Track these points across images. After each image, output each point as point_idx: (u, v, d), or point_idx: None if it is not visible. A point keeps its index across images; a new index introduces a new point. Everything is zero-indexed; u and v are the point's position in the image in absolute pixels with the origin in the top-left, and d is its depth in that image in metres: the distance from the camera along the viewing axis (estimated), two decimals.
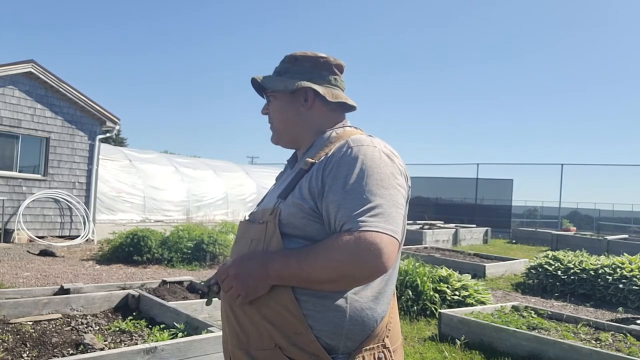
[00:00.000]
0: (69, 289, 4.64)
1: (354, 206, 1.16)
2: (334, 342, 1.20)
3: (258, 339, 1.24)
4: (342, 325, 1.19)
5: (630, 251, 9.05)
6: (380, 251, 1.11)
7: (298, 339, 1.19)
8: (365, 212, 1.14)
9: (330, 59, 1.45)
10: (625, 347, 3.99)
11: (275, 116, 1.44)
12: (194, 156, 21.12)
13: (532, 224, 25.73)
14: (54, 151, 10.84)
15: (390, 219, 1.16)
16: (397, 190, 1.22)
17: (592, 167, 26.31)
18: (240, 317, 1.27)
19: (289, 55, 1.46)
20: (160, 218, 12.94)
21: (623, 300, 6.57)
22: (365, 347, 1.23)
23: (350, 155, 1.23)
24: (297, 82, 1.38)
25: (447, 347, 4.34)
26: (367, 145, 1.26)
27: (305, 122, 1.41)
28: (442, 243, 12.82)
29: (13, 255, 8.47)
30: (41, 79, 10.42)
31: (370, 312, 1.23)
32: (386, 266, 1.13)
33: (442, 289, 5.68)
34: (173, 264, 8.22)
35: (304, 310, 1.19)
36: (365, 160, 1.22)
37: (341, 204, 1.17)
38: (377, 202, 1.16)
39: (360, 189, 1.18)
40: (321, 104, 1.41)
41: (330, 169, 1.24)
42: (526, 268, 8.01)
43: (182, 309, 4.00)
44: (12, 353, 3.15)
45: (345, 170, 1.21)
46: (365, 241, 1.11)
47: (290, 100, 1.41)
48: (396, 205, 1.19)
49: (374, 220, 1.13)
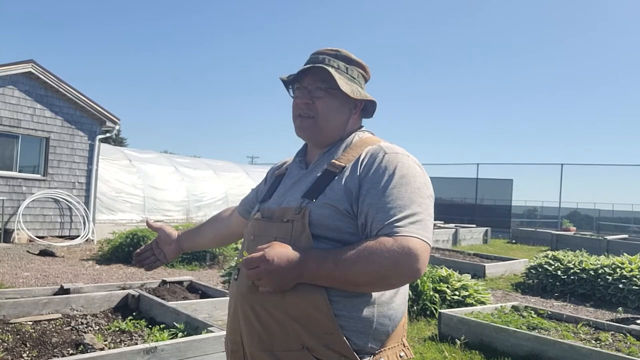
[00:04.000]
0: (69, 289, 4.64)
1: (393, 211, 1.19)
2: (361, 342, 1.22)
3: (284, 340, 1.22)
4: (370, 326, 1.22)
5: (630, 251, 9.05)
6: (418, 257, 1.15)
7: (329, 339, 1.19)
8: (404, 218, 1.18)
9: (369, 72, 1.48)
10: (625, 347, 3.99)
11: (327, 114, 1.38)
12: (194, 156, 21.13)
13: (532, 224, 25.73)
14: (54, 151, 10.84)
15: (426, 226, 1.20)
16: (430, 200, 1.27)
17: (592, 167, 26.33)
18: (263, 317, 1.24)
19: (344, 54, 1.43)
20: (160, 218, 12.93)
21: (623, 300, 6.57)
22: (388, 347, 1.27)
23: (388, 162, 1.27)
24: (362, 91, 1.41)
25: (447, 347, 4.34)
26: (402, 154, 1.31)
27: (345, 127, 1.42)
28: (442, 243, 12.82)
29: (13, 255, 8.46)
30: (41, 79, 10.42)
31: (394, 313, 1.27)
32: (421, 272, 1.17)
33: (442, 289, 5.68)
34: (173, 264, 8.21)
35: (336, 310, 1.19)
36: (403, 169, 1.26)
37: (380, 208, 1.20)
38: (415, 210, 1.20)
39: (399, 195, 1.21)
40: (358, 115, 1.45)
41: (367, 173, 1.27)
42: (526, 268, 8.01)
43: (182, 309, 4.00)
44: (12, 353, 3.15)
45: (384, 176, 1.25)
46: (407, 247, 1.14)
47: (346, 103, 1.40)
48: (430, 215, 1.24)
49: (414, 227, 1.18)
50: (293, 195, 1.34)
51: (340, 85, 1.33)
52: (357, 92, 1.38)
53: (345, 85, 1.35)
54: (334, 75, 1.34)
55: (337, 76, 1.35)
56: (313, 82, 1.37)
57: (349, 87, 1.36)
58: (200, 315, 4.12)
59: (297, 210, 1.27)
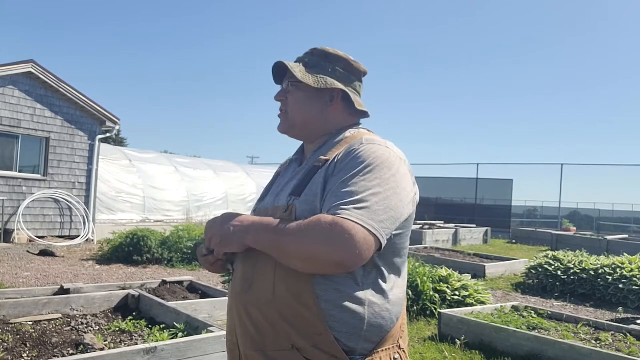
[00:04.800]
0: (69, 289, 4.64)
1: (343, 196, 1.16)
2: (352, 344, 1.20)
3: (275, 340, 1.22)
4: (361, 327, 1.20)
5: (630, 251, 9.05)
6: (352, 242, 1.09)
7: (318, 340, 1.18)
8: (351, 202, 1.14)
9: (361, 65, 1.45)
10: (625, 347, 3.99)
11: (295, 107, 1.40)
12: (194, 156, 21.12)
13: (532, 224, 25.73)
14: (54, 151, 10.84)
15: (375, 215, 1.14)
16: (396, 193, 1.20)
17: (592, 167, 26.37)
18: (255, 318, 1.25)
19: (320, 49, 1.43)
20: (160, 218, 12.94)
21: (623, 300, 6.57)
22: (382, 348, 1.24)
23: (362, 152, 1.24)
24: (329, 80, 1.38)
25: (447, 347, 4.34)
26: (379, 145, 1.27)
27: (324, 121, 1.40)
28: (442, 243, 12.82)
29: (13, 255, 8.46)
30: (41, 79, 10.42)
31: (388, 314, 1.24)
32: (355, 259, 1.11)
33: (442, 289, 5.68)
34: (173, 264, 8.22)
35: (326, 310, 1.18)
36: (372, 158, 1.22)
37: (334, 193, 1.19)
38: (367, 198, 1.15)
39: (356, 182, 1.18)
40: (343, 107, 1.41)
41: (341, 163, 1.25)
42: (526, 268, 8.01)
43: (182, 309, 4.00)
44: (12, 353, 3.15)
45: (351, 165, 1.22)
46: (340, 227, 1.09)
47: (316, 96, 1.39)
48: (389, 207, 1.17)
49: (357, 212, 1.12)
50: (284, 193, 1.35)
51: (297, 76, 1.35)
52: (322, 82, 1.36)
53: (305, 76, 1.36)
54: (291, 68, 1.36)
55: (296, 69, 1.37)
56: (286, 80, 1.42)
57: (312, 78, 1.36)
58: (200, 315, 4.12)
59: (284, 209, 1.27)
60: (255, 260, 1.26)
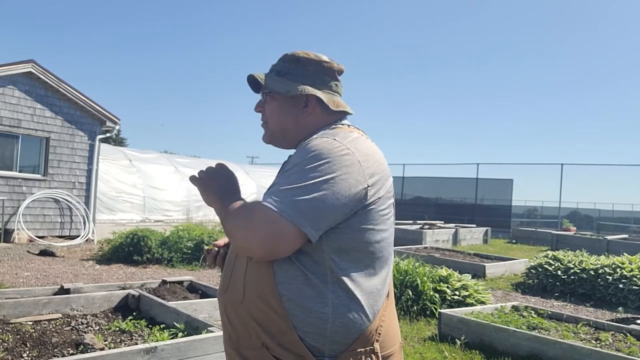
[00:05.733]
0: (69, 288, 4.64)
1: (272, 187, 1.22)
2: (318, 344, 1.19)
3: (247, 338, 1.25)
4: (325, 327, 1.18)
5: (630, 251, 9.05)
6: (262, 226, 1.14)
7: (283, 338, 1.19)
8: (274, 193, 1.18)
9: (334, 64, 1.43)
10: (625, 347, 3.99)
11: (272, 117, 1.41)
12: (194, 156, 21.13)
13: (532, 223, 25.73)
14: (54, 151, 10.84)
15: (295, 205, 1.13)
16: (330, 186, 1.15)
17: (592, 167, 26.37)
18: (232, 317, 1.29)
19: (290, 55, 1.42)
20: (160, 218, 12.94)
21: (623, 300, 6.57)
22: (351, 350, 1.21)
23: (307, 146, 1.25)
24: (299, 86, 1.36)
25: (447, 347, 4.34)
26: (326, 138, 1.26)
27: (302, 127, 1.39)
28: (442, 243, 12.82)
29: (13, 255, 8.46)
30: (41, 79, 10.42)
31: (356, 315, 1.21)
32: (266, 246, 1.15)
33: (442, 289, 5.68)
34: (173, 264, 8.22)
35: (289, 310, 1.19)
36: (310, 151, 1.22)
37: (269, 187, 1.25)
38: (290, 187, 1.16)
39: (289, 175, 1.20)
40: (320, 110, 1.39)
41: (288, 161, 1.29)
42: (526, 268, 8.01)
43: (182, 309, 4.00)
44: (12, 353, 3.15)
45: (293, 159, 1.26)
46: (256, 213, 1.16)
47: (290, 104, 1.38)
48: (315, 198, 1.14)
49: (276, 200, 1.15)
50: None
51: (268, 86, 1.37)
52: (293, 89, 1.35)
53: (276, 85, 1.37)
54: (260, 79, 1.38)
55: (267, 80, 1.39)
56: (262, 91, 1.44)
57: (282, 86, 1.36)
58: (200, 315, 4.12)
59: None
60: (233, 262, 1.31)
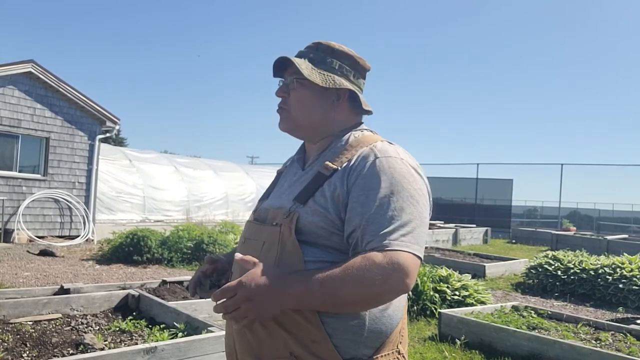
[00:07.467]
0: (69, 288, 4.65)
1: (384, 222, 1.13)
2: (352, 350, 1.17)
3: (272, 347, 1.19)
4: (361, 333, 1.18)
5: (630, 251, 9.05)
6: (408, 272, 1.11)
7: (316, 347, 1.16)
8: (395, 230, 1.13)
9: (366, 62, 1.40)
10: (625, 347, 3.99)
11: (298, 105, 1.34)
12: (194, 156, 21.11)
13: (532, 224, 25.73)
14: (54, 151, 10.84)
15: (418, 237, 1.15)
16: (424, 206, 1.21)
17: (592, 167, 26.41)
18: (254, 325, 1.21)
19: (325, 44, 1.36)
20: (160, 218, 12.94)
21: (623, 300, 6.57)
22: (381, 354, 1.21)
23: (380, 167, 1.20)
24: (337, 78, 1.32)
25: (447, 347, 4.34)
26: (394, 158, 1.23)
27: (329, 120, 1.34)
28: (442, 243, 12.83)
29: (13, 255, 8.46)
30: (41, 79, 10.42)
31: (388, 320, 1.22)
32: (410, 286, 1.13)
33: (442, 289, 5.68)
34: (173, 264, 8.22)
35: (323, 318, 1.15)
36: (394, 175, 1.19)
37: (370, 219, 1.14)
38: (406, 220, 1.15)
39: (391, 205, 1.15)
40: (348, 107, 1.36)
41: (356, 179, 1.20)
42: (526, 268, 8.01)
43: (182, 309, 4.00)
44: (12, 353, 3.15)
45: (374, 183, 1.18)
46: (397, 262, 1.10)
47: (321, 95, 1.33)
48: (424, 223, 1.19)
49: (405, 239, 1.13)
50: (287, 197, 1.31)
51: (304, 73, 1.28)
52: (330, 81, 1.30)
53: (312, 74, 1.30)
54: (297, 64, 1.29)
55: (303, 65, 1.30)
56: (289, 75, 1.35)
57: (319, 76, 1.30)
58: (200, 315, 4.11)
59: (285, 214, 1.24)
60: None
